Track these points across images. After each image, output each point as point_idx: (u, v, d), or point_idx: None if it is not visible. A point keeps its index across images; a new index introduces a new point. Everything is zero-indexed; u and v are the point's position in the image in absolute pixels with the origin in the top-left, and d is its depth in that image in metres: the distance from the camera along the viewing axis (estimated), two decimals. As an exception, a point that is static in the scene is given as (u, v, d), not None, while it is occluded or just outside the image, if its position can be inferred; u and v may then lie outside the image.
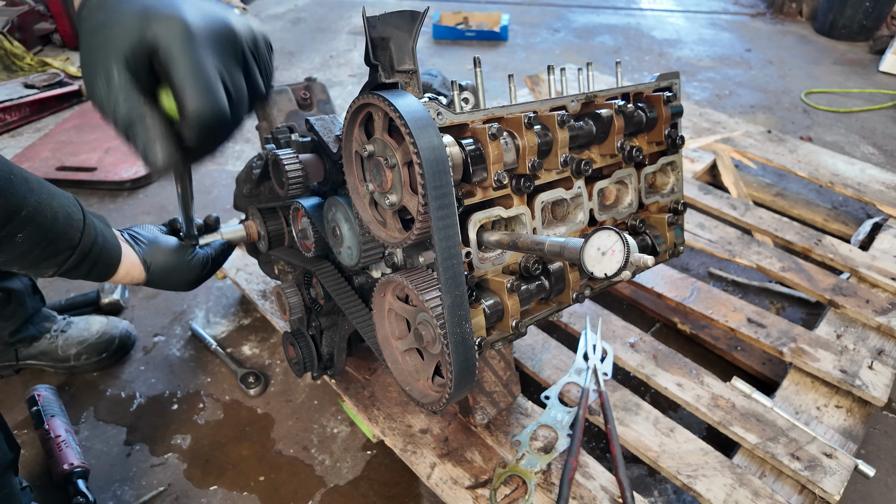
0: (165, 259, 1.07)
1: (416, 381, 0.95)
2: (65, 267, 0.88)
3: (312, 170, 1.04)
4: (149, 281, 1.06)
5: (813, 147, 2.28)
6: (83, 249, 0.89)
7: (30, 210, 0.78)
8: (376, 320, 0.96)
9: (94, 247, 0.92)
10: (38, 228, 0.80)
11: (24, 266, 0.84)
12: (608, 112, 1.01)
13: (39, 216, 0.80)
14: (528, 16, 4.83)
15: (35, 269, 0.86)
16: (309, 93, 1.63)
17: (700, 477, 1.15)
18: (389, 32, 0.79)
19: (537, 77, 2.79)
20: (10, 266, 0.83)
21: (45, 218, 0.81)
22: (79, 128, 2.81)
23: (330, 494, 1.32)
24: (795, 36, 4.45)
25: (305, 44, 4.16)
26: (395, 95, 0.74)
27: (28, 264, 0.84)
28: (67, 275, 0.91)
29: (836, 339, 1.48)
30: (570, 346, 1.48)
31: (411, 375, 0.96)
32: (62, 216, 0.84)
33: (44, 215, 0.81)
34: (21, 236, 0.79)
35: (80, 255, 0.89)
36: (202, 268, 1.13)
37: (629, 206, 1.14)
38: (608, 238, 0.61)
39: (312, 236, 1.08)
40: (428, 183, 0.71)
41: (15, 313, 1.47)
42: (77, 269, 0.91)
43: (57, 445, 1.32)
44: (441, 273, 0.75)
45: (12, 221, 0.77)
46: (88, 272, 0.93)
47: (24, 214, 0.78)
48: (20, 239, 0.79)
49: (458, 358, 0.79)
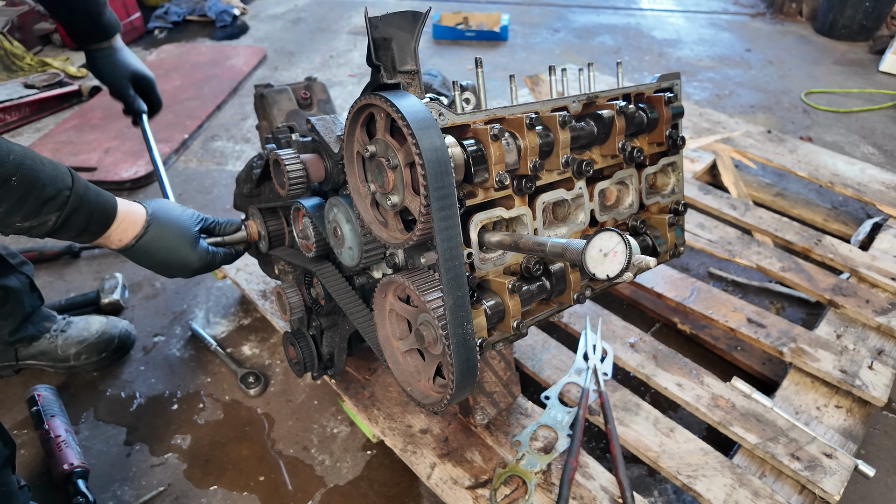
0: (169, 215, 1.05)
1: (417, 381, 0.95)
2: (66, 210, 0.88)
3: (313, 170, 1.04)
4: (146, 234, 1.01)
5: (813, 147, 2.28)
6: (77, 191, 0.90)
7: (17, 156, 0.82)
8: (377, 321, 0.96)
9: (89, 191, 0.93)
10: (29, 170, 0.83)
11: (27, 214, 0.85)
12: (609, 113, 1.01)
13: (28, 160, 0.84)
14: (528, 16, 4.83)
15: (37, 217, 0.86)
16: (309, 92, 1.63)
17: (700, 477, 1.15)
18: (391, 33, 0.78)
19: (537, 77, 2.79)
20: (13, 216, 0.84)
21: (33, 161, 0.85)
22: (79, 128, 2.81)
23: (330, 494, 1.32)
24: (795, 36, 4.45)
25: (305, 44, 4.15)
26: (397, 96, 0.74)
27: (29, 212, 0.85)
28: (70, 223, 0.90)
29: (836, 339, 1.48)
30: (570, 346, 1.48)
31: (412, 376, 0.96)
32: (48, 162, 0.88)
33: (32, 160, 0.85)
34: (15, 179, 0.81)
35: (77, 196, 0.89)
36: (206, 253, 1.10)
37: (630, 206, 1.14)
38: (610, 239, 0.61)
39: (313, 236, 1.08)
40: (430, 184, 0.71)
41: (13, 311, 1.47)
42: (77, 214, 0.91)
43: (57, 445, 1.32)
44: (443, 274, 0.75)
45: (4, 165, 0.80)
46: (89, 218, 0.93)
47: (12, 159, 0.81)
48: (15, 182, 0.81)
49: (460, 359, 0.79)
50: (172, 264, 1.07)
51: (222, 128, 2.97)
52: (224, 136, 2.89)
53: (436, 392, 0.92)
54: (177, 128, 2.84)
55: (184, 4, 4.51)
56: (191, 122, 2.91)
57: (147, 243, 1.02)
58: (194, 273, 1.10)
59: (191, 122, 2.90)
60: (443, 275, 0.75)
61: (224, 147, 2.79)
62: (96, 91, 3.15)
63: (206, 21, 4.45)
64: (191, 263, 1.08)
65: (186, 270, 1.09)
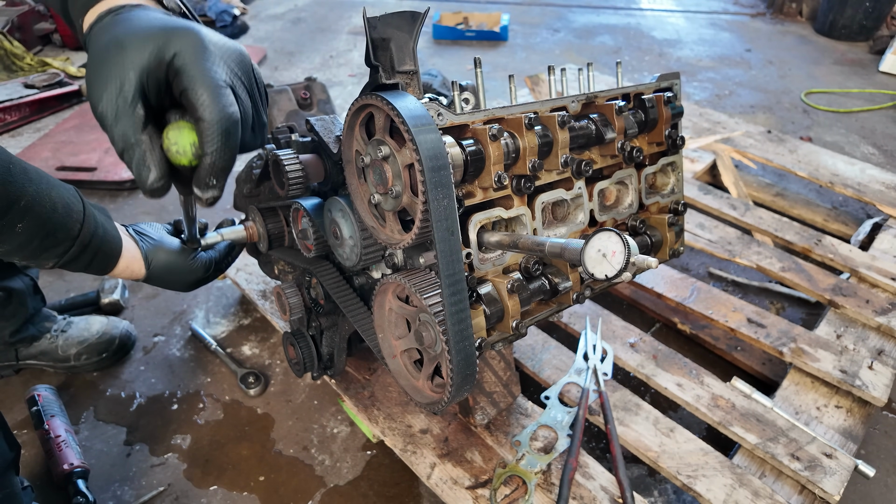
0: (167, 258, 1.07)
1: (416, 381, 0.95)
2: (65, 258, 0.88)
3: (313, 170, 1.04)
4: (148, 278, 1.06)
5: (813, 147, 2.28)
6: (83, 240, 0.89)
7: (29, 200, 0.78)
8: (376, 321, 0.96)
9: (94, 238, 0.92)
10: (37, 218, 0.80)
11: (24, 257, 0.84)
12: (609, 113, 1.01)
13: (38, 206, 0.80)
14: (528, 16, 4.83)
15: (35, 260, 0.86)
16: (309, 92, 1.63)
17: (700, 477, 1.15)
18: (390, 33, 0.79)
19: (537, 77, 2.79)
20: (11, 257, 0.83)
21: (44, 208, 0.81)
22: (79, 128, 2.81)
23: (330, 494, 1.32)
24: (795, 36, 4.45)
25: (305, 44, 4.15)
26: (395, 96, 0.74)
27: (28, 255, 0.84)
28: (67, 266, 0.91)
29: (836, 339, 1.48)
30: (570, 346, 1.48)
31: (411, 376, 0.96)
32: (61, 207, 0.84)
33: (43, 205, 0.81)
34: (21, 226, 0.79)
35: (80, 245, 0.89)
36: (204, 270, 1.14)
37: (629, 206, 1.14)
38: (609, 239, 0.61)
39: (313, 237, 1.08)
40: (428, 184, 0.71)
41: (16, 313, 1.47)
42: (77, 261, 0.91)
43: (57, 445, 1.32)
44: (442, 274, 0.75)
45: (11, 211, 0.77)
46: (88, 263, 0.93)
47: (23, 204, 0.78)
48: (20, 229, 0.79)
49: (459, 359, 0.79)
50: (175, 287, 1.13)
51: (222, 128, 2.96)
52: (224, 137, 2.88)
53: (434, 392, 0.92)
54: (177, 128, 2.84)
55: (184, 5, 4.51)
56: (191, 122, 2.90)
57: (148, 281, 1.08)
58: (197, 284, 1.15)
59: (191, 123, 2.90)
60: (442, 275, 0.75)
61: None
62: (96, 91, 3.15)
63: (207, 21, 4.44)
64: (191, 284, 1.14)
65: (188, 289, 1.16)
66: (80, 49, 3.85)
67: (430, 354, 0.90)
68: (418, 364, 0.96)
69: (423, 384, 0.94)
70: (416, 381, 0.95)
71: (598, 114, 1.02)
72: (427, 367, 0.92)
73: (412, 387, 0.95)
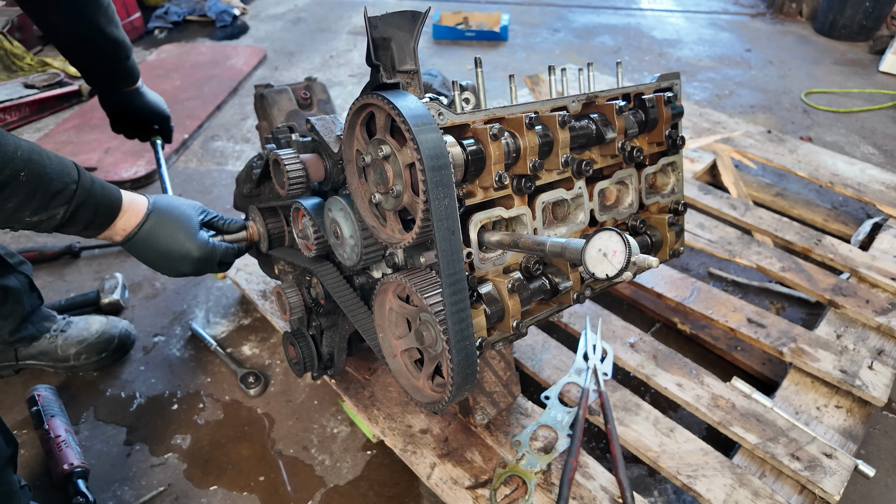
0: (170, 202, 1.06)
1: (417, 380, 0.95)
2: (72, 206, 0.89)
3: (313, 170, 1.04)
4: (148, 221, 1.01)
5: (813, 147, 2.28)
6: (84, 185, 0.91)
7: (24, 151, 0.83)
8: (377, 320, 0.96)
9: (94, 185, 0.93)
10: (37, 166, 0.85)
11: (35, 209, 0.86)
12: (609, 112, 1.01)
13: (35, 155, 0.85)
14: (528, 16, 4.83)
15: (45, 212, 0.88)
16: (309, 92, 1.63)
17: (700, 477, 1.15)
18: (391, 33, 0.79)
19: (537, 77, 2.79)
20: (23, 211, 0.86)
21: (40, 157, 0.86)
22: (79, 128, 2.81)
23: (330, 494, 1.32)
24: (795, 36, 4.45)
25: (305, 44, 4.15)
26: (396, 95, 0.74)
27: (38, 206, 0.86)
28: (75, 221, 0.91)
29: (836, 339, 1.48)
30: (570, 346, 1.48)
31: (412, 375, 0.96)
32: (54, 157, 0.89)
33: (39, 155, 0.86)
34: (24, 174, 0.83)
35: (83, 191, 0.90)
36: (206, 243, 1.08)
37: (630, 206, 1.14)
38: (609, 239, 0.61)
39: (313, 236, 1.08)
40: (429, 183, 0.71)
41: (13, 311, 1.47)
42: (84, 208, 0.91)
43: (57, 445, 1.32)
44: (442, 273, 0.75)
45: (13, 161, 0.81)
46: (96, 210, 0.94)
47: (20, 154, 0.83)
48: (23, 177, 0.83)
49: (460, 359, 0.79)
50: (172, 254, 1.04)
51: (222, 128, 2.97)
52: (224, 136, 2.89)
53: (434, 391, 0.92)
54: (177, 128, 2.83)
55: (184, 4, 4.51)
56: (191, 122, 2.91)
57: (148, 231, 1.01)
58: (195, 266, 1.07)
59: (191, 122, 2.90)
60: (442, 274, 0.75)
61: (224, 147, 2.79)
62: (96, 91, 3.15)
63: (206, 21, 4.45)
64: (190, 252, 1.05)
65: (186, 261, 1.05)
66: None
67: (430, 354, 0.90)
68: (419, 364, 0.96)
69: (423, 384, 0.94)
70: (417, 381, 0.95)
71: (599, 114, 1.02)
72: (427, 366, 0.92)
73: (412, 386, 0.95)
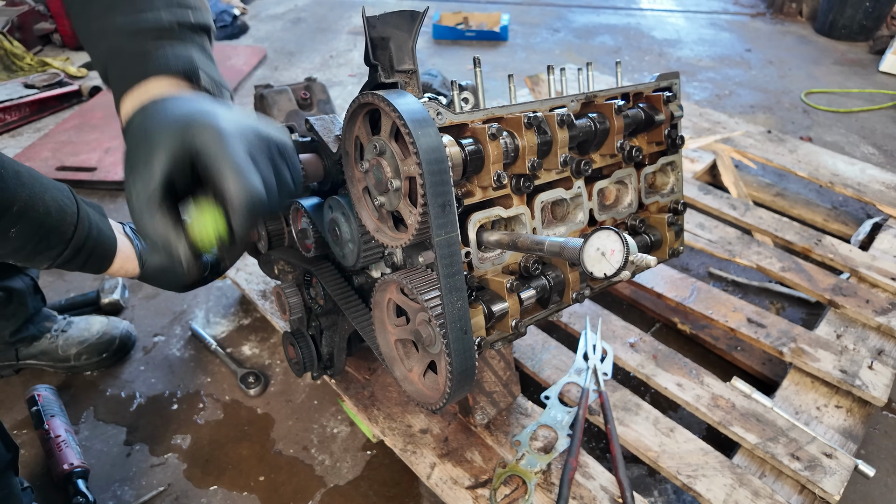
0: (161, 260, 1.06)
1: (409, 373, 0.95)
2: (59, 260, 0.89)
3: (312, 170, 1.04)
4: (142, 277, 1.04)
5: (813, 147, 2.28)
6: (77, 243, 0.89)
7: (21, 205, 0.79)
8: (375, 320, 0.96)
9: (89, 241, 0.92)
10: (30, 223, 0.81)
11: (19, 259, 0.85)
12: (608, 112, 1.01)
13: (31, 211, 0.80)
14: (528, 16, 4.83)
15: (30, 262, 0.87)
16: (309, 93, 1.63)
17: (700, 477, 1.15)
18: (389, 32, 0.79)
19: (537, 77, 2.79)
20: (5, 259, 0.84)
21: (37, 212, 0.81)
22: (79, 128, 2.81)
23: (330, 494, 1.32)
24: (795, 36, 4.45)
25: (305, 44, 4.16)
26: (394, 95, 0.74)
27: (22, 258, 0.85)
28: (63, 267, 0.92)
29: (836, 339, 1.48)
30: (570, 346, 1.48)
31: (410, 373, 0.96)
32: (55, 210, 0.84)
33: (36, 209, 0.81)
34: (14, 231, 0.79)
35: (74, 248, 0.89)
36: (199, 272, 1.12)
37: (629, 206, 1.14)
38: (608, 238, 0.61)
39: (312, 236, 1.08)
40: (427, 183, 0.71)
41: (16, 313, 1.47)
42: (72, 262, 0.91)
43: (57, 445, 1.32)
44: (441, 273, 0.75)
45: (4, 217, 0.77)
46: (84, 264, 0.94)
47: (15, 210, 0.78)
48: (13, 234, 0.79)
49: (458, 358, 0.79)
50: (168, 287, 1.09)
51: (222, 128, 2.96)
52: (224, 137, 2.88)
53: (425, 387, 0.92)
54: (177, 128, 2.84)
55: (184, 5, 4.51)
56: (191, 122, 2.91)
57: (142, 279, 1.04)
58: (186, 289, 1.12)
59: (191, 123, 2.90)
60: (441, 274, 0.75)
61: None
62: (96, 91, 3.15)
63: (207, 22, 4.45)
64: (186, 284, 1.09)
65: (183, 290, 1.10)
66: (80, 49, 3.85)
67: (425, 351, 0.90)
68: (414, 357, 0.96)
69: (415, 377, 0.94)
70: (409, 373, 0.95)
71: (598, 113, 1.02)
72: (420, 361, 0.92)
73: (412, 386, 0.95)
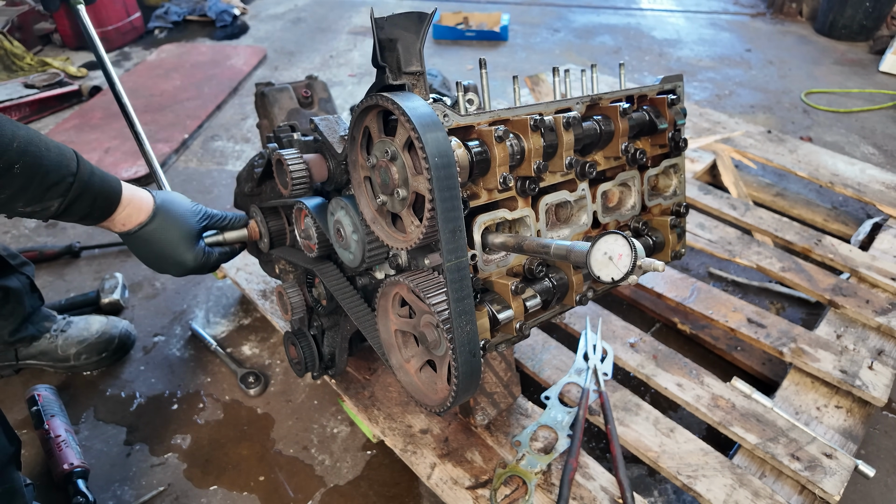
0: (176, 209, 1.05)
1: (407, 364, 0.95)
2: (68, 197, 0.89)
3: (316, 170, 1.04)
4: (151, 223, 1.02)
5: (813, 147, 2.28)
6: (82, 177, 0.90)
7: (21, 142, 0.82)
8: (379, 321, 0.96)
9: (93, 176, 0.92)
10: (33, 157, 0.83)
11: (29, 200, 0.86)
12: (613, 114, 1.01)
13: (33, 146, 0.83)
14: (528, 16, 4.83)
15: (40, 203, 0.87)
16: (310, 91, 1.63)
17: (700, 477, 1.16)
18: (397, 34, 0.78)
19: (537, 77, 2.79)
20: (15, 202, 0.85)
21: (38, 148, 0.84)
22: (79, 128, 2.80)
23: (330, 494, 1.32)
24: (795, 36, 4.45)
25: (305, 44, 4.15)
26: (402, 97, 0.74)
27: (32, 198, 0.85)
28: (72, 211, 0.91)
29: (836, 339, 1.48)
30: (570, 346, 1.48)
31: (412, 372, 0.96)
32: (53, 147, 0.87)
33: (37, 146, 0.84)
34: (18, 167, 0.81)
35: (80, 183, 0.89)
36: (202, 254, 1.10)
37: (632, 208, 1.14)
38: (615, 242, 0.61)
39: (316, 237, 1.08)
40: (435, 185, 0.71)
41: (14, 312, 1.47)
42: (80, 201, 0.91)
43: (57, 445, 1.31)
44: (451, 298, 0.74)
45: (7, 153, 0.80)
46: (92, 204, 0.93)
47: (16, 146, 0.81)
48: (18, 170, 0.81)
49: (464, 361, 0.79)
50: (168, 259, 1.07)
51: (222, 128, 2.96)
52: (224, 136, 2.88)
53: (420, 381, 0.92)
54: (177, 128, 2.84)
55: (184, 4, 4.50)
56: (191, 121, 2.90)
57: (148, 233, 1.02)
58: (187, 272, 1.10)
59: (191, 122, 2.90)
60: (451, 299, 0.74)
61: (224, 147, 2.79)
62: (96, 91, 3.15)
63: (206, 21, 4.44)
64: (185, 262, 1.08)
65: (179, 268, 1.09)
66: (80, 49, 3.84)
67: (431, 353, 0.90)
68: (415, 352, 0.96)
69: (411, 370, 0.94)
70: (407, 364, 0.95)
71: (602, 115, 1.02)
72: (418, 358, 0.92)
73: (416, 388, 0.95)
